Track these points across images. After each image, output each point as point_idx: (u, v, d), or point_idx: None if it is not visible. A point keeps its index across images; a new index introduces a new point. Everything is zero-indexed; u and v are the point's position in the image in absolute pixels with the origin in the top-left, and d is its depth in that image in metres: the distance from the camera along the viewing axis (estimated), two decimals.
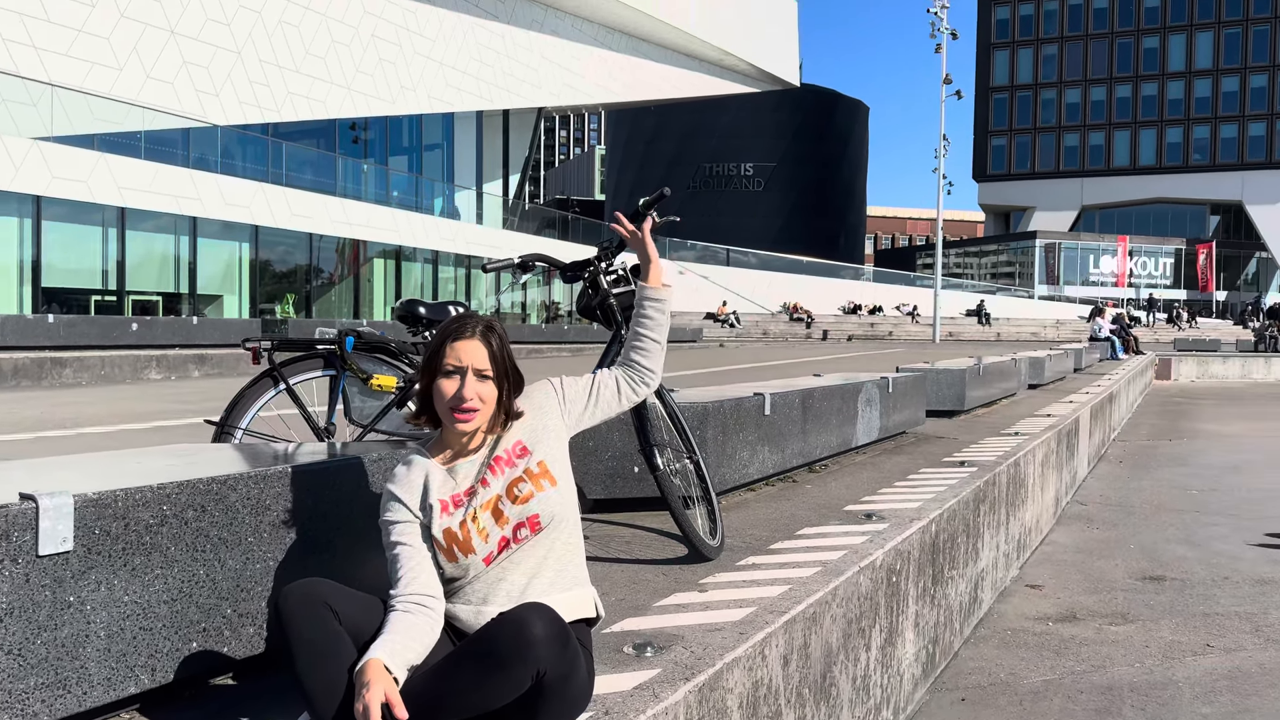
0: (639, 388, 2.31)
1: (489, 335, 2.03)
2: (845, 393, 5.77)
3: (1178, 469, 10.15)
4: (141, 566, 1.89)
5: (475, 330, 2.02)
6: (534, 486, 2.02)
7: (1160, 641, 4.59)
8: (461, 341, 2.01)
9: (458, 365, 1.99)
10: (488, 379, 2.01)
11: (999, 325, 49.63)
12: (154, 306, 23.23)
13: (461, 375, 1.99)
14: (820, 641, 2.89)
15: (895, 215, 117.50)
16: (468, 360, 1.99)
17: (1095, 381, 13.80)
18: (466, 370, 1.99)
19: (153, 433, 7.26)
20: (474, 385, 1.99)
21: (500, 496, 2.01)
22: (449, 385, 1.99)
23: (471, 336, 2.01)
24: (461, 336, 2.01)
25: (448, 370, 2.00)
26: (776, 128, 72.42)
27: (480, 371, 2.00)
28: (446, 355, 2.00)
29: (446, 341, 2.02)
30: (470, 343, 2.01)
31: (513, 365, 2.07)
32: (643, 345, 2.33)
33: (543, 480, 2.04)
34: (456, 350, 2.00)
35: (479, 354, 2.00)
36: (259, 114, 26.17)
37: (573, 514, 2.09)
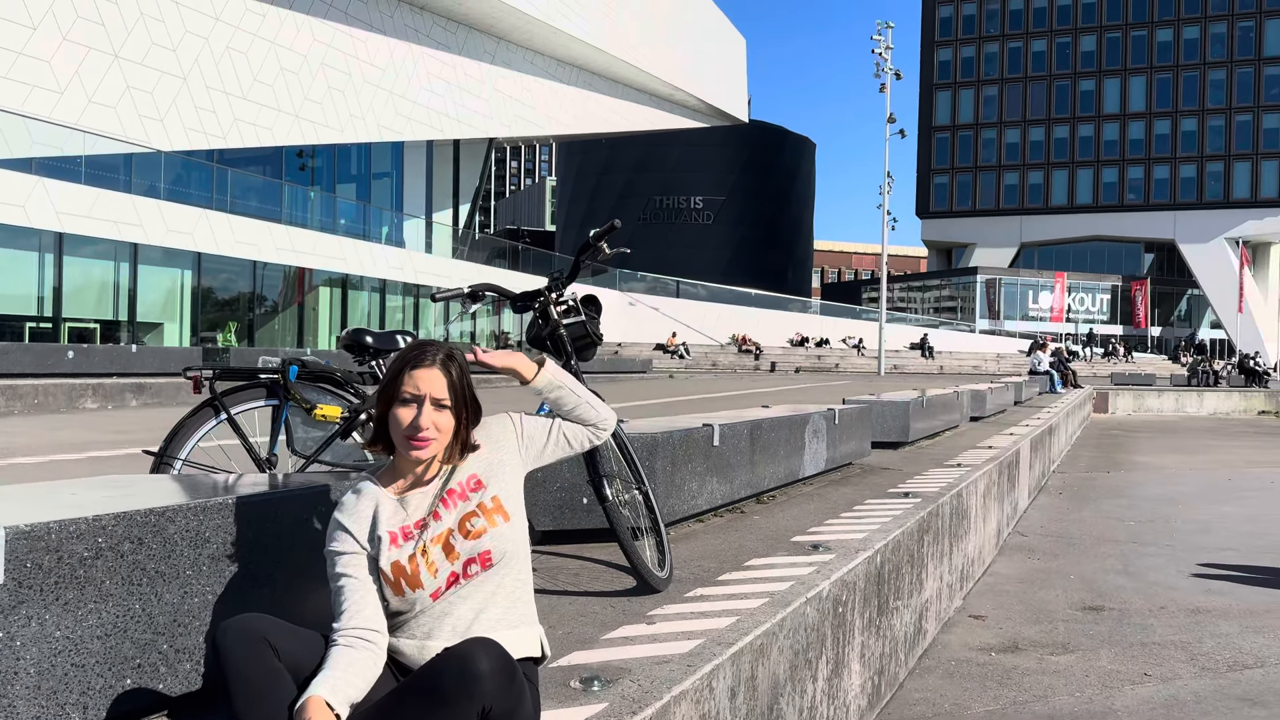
0: (596, 437, 2.32)
1: (449, 364, 2.00)
2: (793, 424, 5.82)
3: (1115, 500, 10.37)
4: (74, 601, 1.83)
5: (435, 359, 2.00)
6: (487, 521, 2.00)
7: (1100, 671, 4.67)
8: (421, 369, 1.98)
9: (415, 394, 1.97)
10: (445, 408, 1.98)
11: (942, 358, 50.48)
12: (92, 334, 22.71)
13: (419, 404, 1.96)
14: (768, 673, 2.89)
15: (841, 250, 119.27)
16: (426, 389, 1.97)
17: (1035, 414, 14.08)
18: (424, 399, 1.96)
19: (88, 463, 7.07)
20: (431, 414, 1.96)
21: (452, 531, 1.98)
22: (405, 413, 1.97)
23: (431, 365, 1.99)
24: (421, 364, 1.98)
25: (405, 398, 1.97)
26: (726, 162, 73.36)
27: (438, 401, 1.97)
28: (404, 383, 1.97)
29: (405, 369, 1.99)
30: (430, 371, 1.98)
31: (472, 395, 2.04)
32: (576, 415, 2.30)
33: (496, 515, 2.01)
34: (415, 378, 1.97)
35: (438, 383, 1.98)
36: (204, 140, 25.86)
37: (524, 550, 2.07)
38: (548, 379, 2.28)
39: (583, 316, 3.47)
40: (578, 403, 2.28)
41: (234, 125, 26.73)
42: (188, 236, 23.98)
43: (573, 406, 2.28)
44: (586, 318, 3.48)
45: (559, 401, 2.28)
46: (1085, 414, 22.35)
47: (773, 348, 47.18)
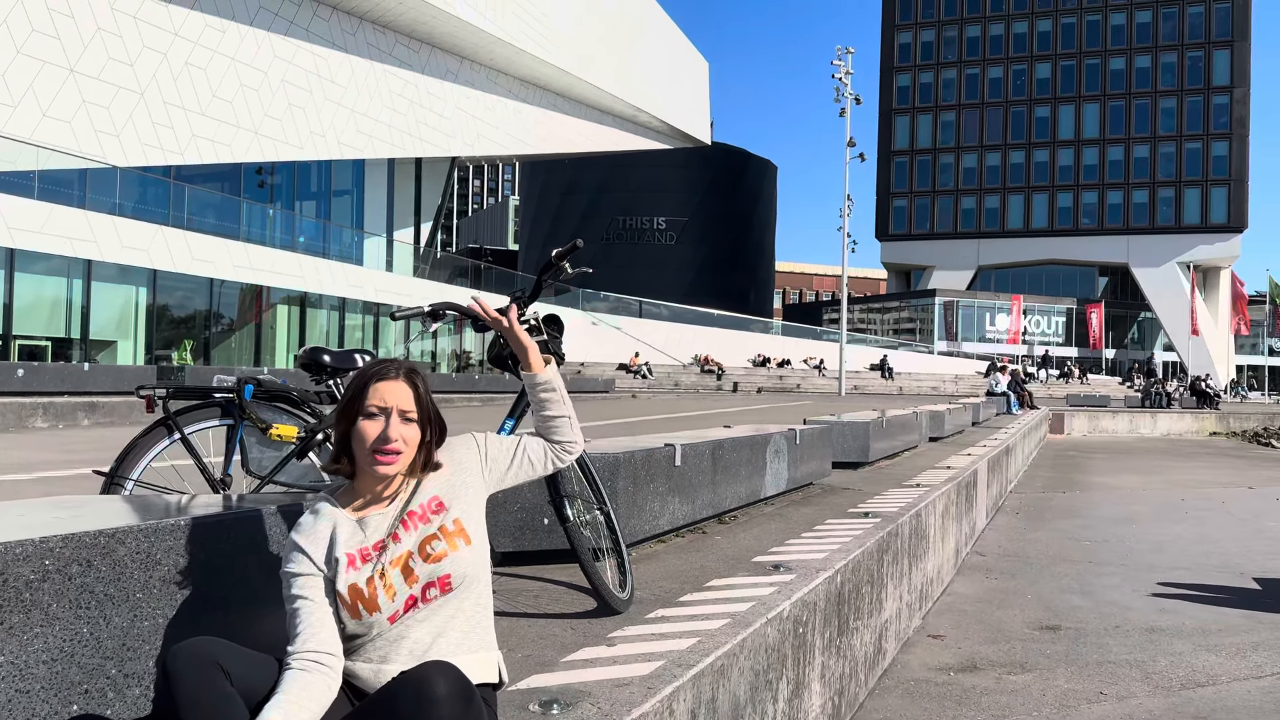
0: (563, 457, 2.31)
1: (413, 377, 2.01)
2: (754, 444, 5.84)
3: (1071, 520, 10.51)
4: (19, 625, 1.78)
5: (399, 372, 1.99)
6: (448, 545, 1.97)
7: (1056, 690, 4.71)
8: (385, 382, 1.97)
9: (382, 406, 1.95)
10: (412, 421, 1.98)
11: (901, 379, 50.99)
12: (42, 352, 22.24)
13: (386, 416, 1.95)
14: (728, 695, 2.88)
15: (803, 271, 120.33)
16: (392, 401, 1.96)
17: (992, 435, 14.25)
18: (391, 411, 1.95)
19: (36, 483, 6.91)
20: (398, 427, 1.95)
21: (412, 553, 1.96)
22: (372, 427, 1.95)
23: (396, 378, 1.98)
24: (385, 378, 1.98)
25: (371, 412, 1.95)
26: (688, 184, 73.82)
27: (405, 413, 1.96)
28: (370, 396, 1.96)
29: (370, 383, 1.97)
30: (395, 384, 1.97)
31: (435, 411, 2.04)
32: (553, 425, 2.31)
33: (457, 539, 1.99)
34: (380, 391, 1.96)
35: (404, 395, 1.97)
36: (161, 156, 25.54)
37: (485, 574, 2.05)
38: (551, 374, 2.31)
39: (544, 336, 3.46)
40: (561, 413, 2.30)
41: (192, 141, 26.43)
42: (143, 253, 23.62)
43: (555, 414, 2.29)
44: (549, 337, 3.47)
45: (546, 403, 2.29)
46: (1042, 435, 22.66)
47: (735, 368, 47.37)
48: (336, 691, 1.86)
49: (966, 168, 80.00)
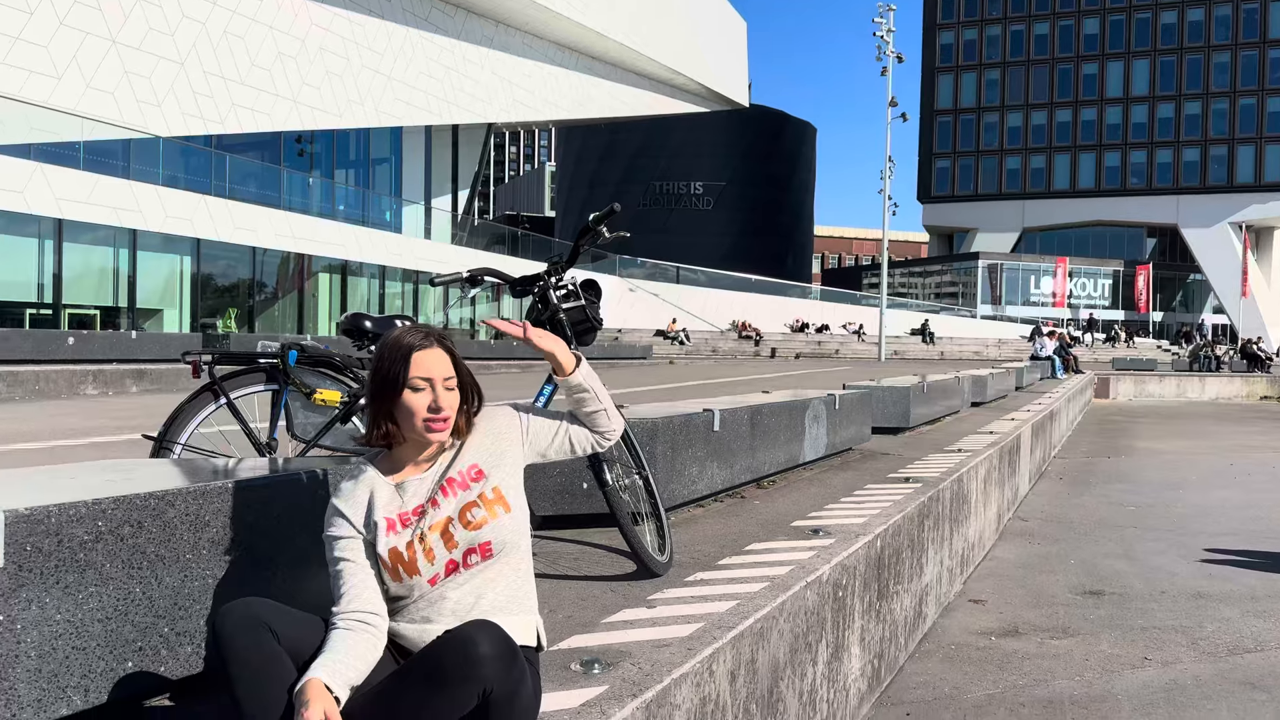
0: (603, 444, 2.31)
1: (444, 342, 2.02)
2: (793, 410, 5.82)
3: (1116, 485, 10.38)
4: (75, 584, 1.83)
5: (432, 340, 2.01)
6: (488, 513, 1.99)
7: (1100, 655, 4.68)
8: (424, 353, 1.98)
9: (426, 377, 1.97)
10: (453, 388, 2.00)
11: (942, 344, 50.45)
12: (91, 320, 22.68)
13: (431, 386, 1.97)
14: (767, 657, 2.89)
15: (842, 235, 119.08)
16: (435, 371, 1.98)
17: (1036, 400, 14.07)
18: (435, 381, 1.97)
19: (89, 448, 7.07)
20: (445, 395, 1.98)
21: (452, 520, 1.98)
22: (419, 400, 1.96)
23: (432, 346, 2.00)
24: (422, 348, 1.99)
25: (416, 385, 1.97)
26: (726, 147, 73.14)
27: (447, 380, 1.99)
28: (413, 369, 1.97)
29: (410, 355, 1.98)
30: (433, 352, 1.99)
31: (470, 374, 2.07)
32: (592, 419, 2.29)
33: (497, 506, 2.01)
34: (423, 362, 1.97)
35: (443, 363, 1.99)
36: (202, 125, 25.76)
37: (524, 541, 2.07)
38: (582, 376, 2.26)
39: (582, 301, 3.46)
40: (598, 407, 2.27)
41: (232, 110, 26.63)
42: (186, 222, 23.92)
43: (592, 410, 2.27)
44: (586, 302, 3.47)
45: (582, 401, 2.27)
46: (1087, 399, 22.35)
47: (773, 334, 47.15)
48: (382, 650, 1.89)
49: (1011, 127, 78.43)
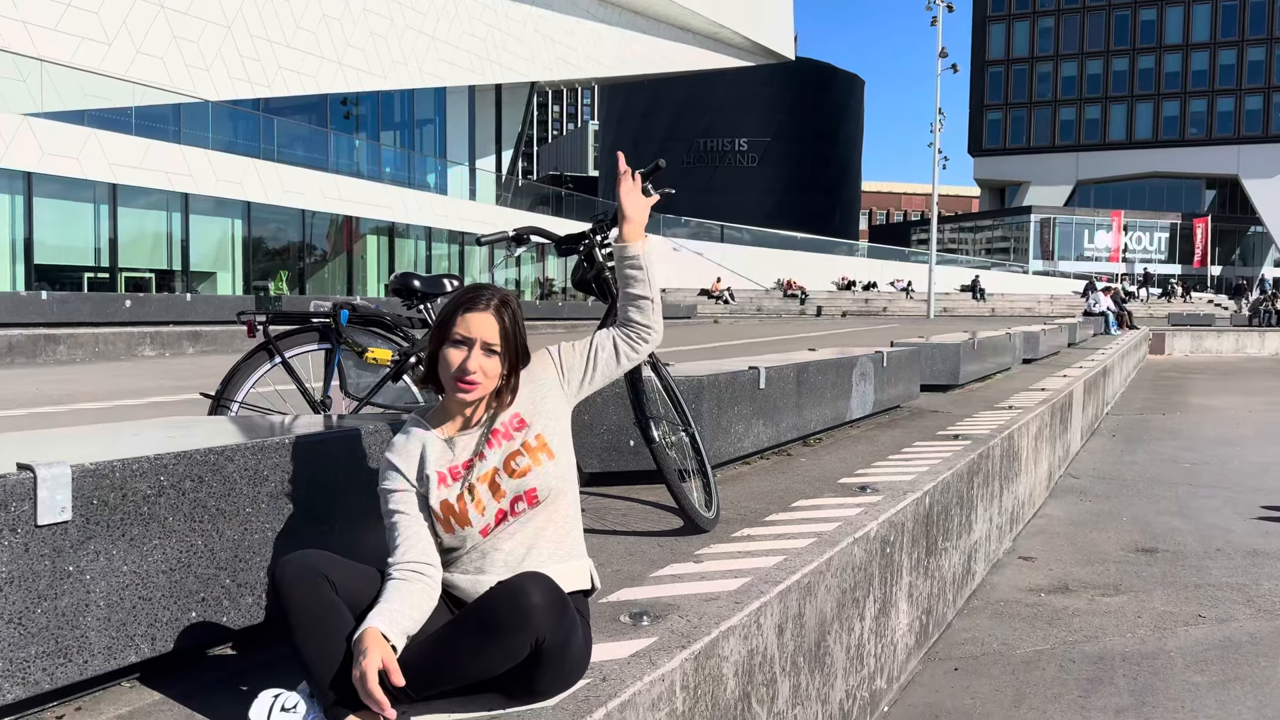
0: (638, 345, 2.24)
1: (502, 311, 2.01)
2: (840, 367, 5.78)
3: (1171, 442, 10.20)
4: (140, 537, 1.89)
5: (489, 304, 2.01)
6: (531, 460, 2.02)
7: (1152, 612, 4.63)
8: (474, 313, 1.99)
9: (466, 336, 1.98)
10: (495, 354, 2.00)
11: (993, 300, 49.68)
12: (147, 283, 23.15)
13: (469, 347, 1.98)
14: (815, 611, 2.91)
15: (890, 190, 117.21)
16: (477, 333, 1.98)
17: (1089, 356, 13.84)
18: (474, 342, 1.98)
19: (148, 408, 7.26)
20: (479, 359, 1.98)
21: (497, 470, 2.01)
22: (455, 355, 1.99)
23: (485, 310, 2.00)
24: (474, 308, 2.00)
25: (456, 339, 1.99)
26: (771, 102, 72.06)
27: (488, 345, 1.99)
28: (456, 324, 1.99)
29: (459, 311, 2.00)
30: (482, 315, 1.99)
31: (522, 344, 2.05)
32: (637, 304, 2.25)
33: (540, 454, 2.03)
34: (468, 321, 1.99)
35: (489, 328, 1.99)
36: (250, 89, 25.97)
37: (571, 488, 2.09)
38: (643, 250, 2.28)
39: None
40: (646, 293, 2.25)
41: (279, 73, 26.80)
42: (237, 186, 24.23)
43: (639, 294, 2.24)
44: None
45: (632, 280, 2.25)
46: (1141, 355, 21.93)
47: (819, 292, 46.74)
48: (436, 599, 1.93)
49: (1066, 77, 76.29)
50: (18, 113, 19.35)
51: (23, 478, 1.71)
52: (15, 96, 19.70)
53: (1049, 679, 3.83)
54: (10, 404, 7.57)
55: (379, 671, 1.67)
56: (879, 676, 3.56)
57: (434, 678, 1.77)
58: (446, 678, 1.78)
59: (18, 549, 1.70)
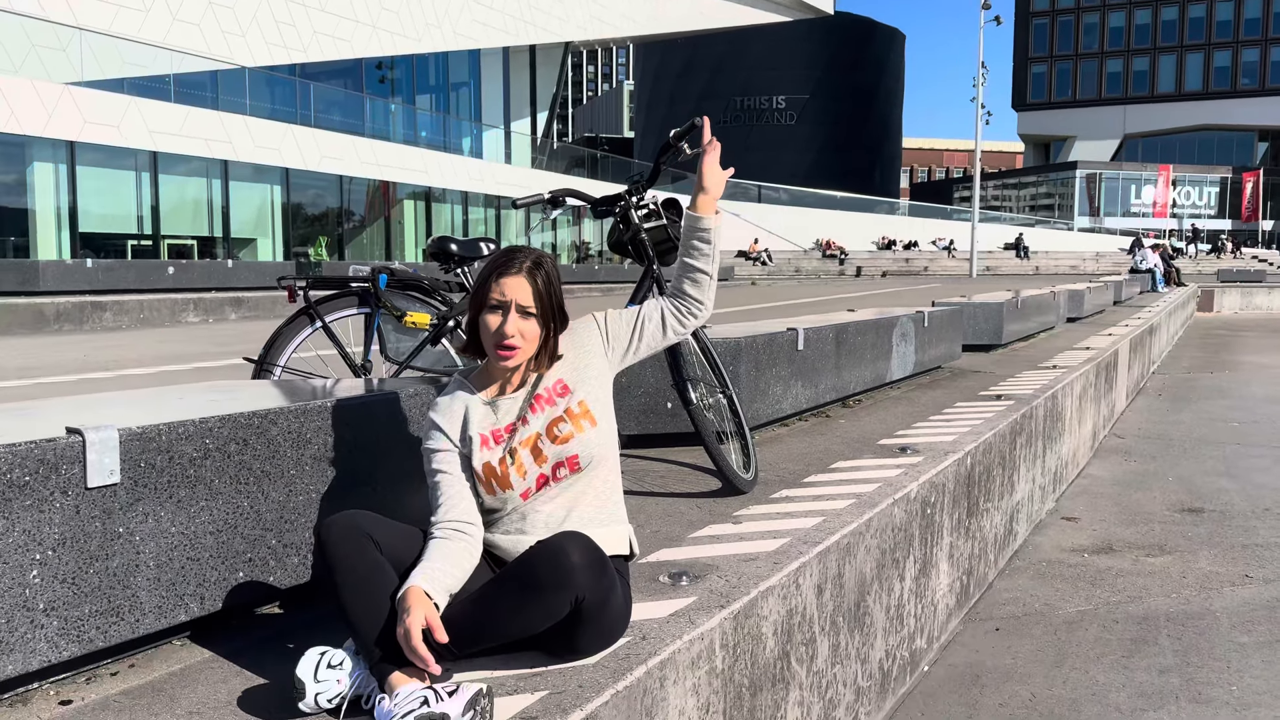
0: (687, 320, 2.24)
1: (535, 272, 2.01)
2: (879, 328, 5.72)
3: (1218, 401, 10.02)
4: (187, 499, 1.93)
5: (522, 267, 2.01)
6: (574, 426, 2.03)
7: (1198, 572, 4.58)
8: (508, 277, 2.00)
9: (501, 300, 1.99)
10: (531, 316, 2.00)
11: (1037, 258, 48.85)
12: (189, 250, 23.45)
13: (505, 311, 1.98)
14: (854, 571, 2.90)
15: (931, 147, 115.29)
16: (512, 295, 1.99)
17: (1135, 314, 13.59)
18: (510, 305, 1.98)
19: (193, 373, 7.38)
20: (516, 322, 1.98)
21: (540, 435, 2.02)
22: (493, 320, 1.99)
23: (518, 273, 2.00)
24: (508, 272, 2.00)
25: (492, 305, 2.00)
26: (809, 58, 70.95)
27: (524, 308, 1.99)
28: (492, 290, 2.00)
29: (493, 276, 2.01)
30: (516, 279, 2.00)
31: (558, 304, 2.04)
32: (693, 276, 2.24)
33: (583, 420, 2.04)
34: (502, 285, 1.99)
35: (524, 290, 1.99)
36: (285, 54, 26.03)
37: (612, 454, 2.10)
38: (716, 224, 2.27)
39: (664, 220, 3.43)
40: (707, 268, 2.24)
41: (314, 38, 26.83)
42: (275, 152, 24.39)
43: (700, 267, 2.23)
44: (668, 221, 3.44)
45: (697, 251, 2.24)
46: (1189, 313, 21.50)
47: (858, 252, 46.26)
48: (478, 558, 1.96)
49: (1113, 27, 74.19)
50: (59, 81, 19.58)
51: (72, 441, 1.74)
52: (56, 65, 19.92)
53: (1092, 639, 3.81)
54: (59, 370, 7.73)
55: (422, 629, 1.69)
56: (919, 636, 3.56)
57: (476, 635, 1.80)
58: (488, 635, 1.81)
59: (69, 511, 1.74)
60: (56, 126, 19.42)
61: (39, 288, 14.77)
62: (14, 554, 1.66)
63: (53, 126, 19.35)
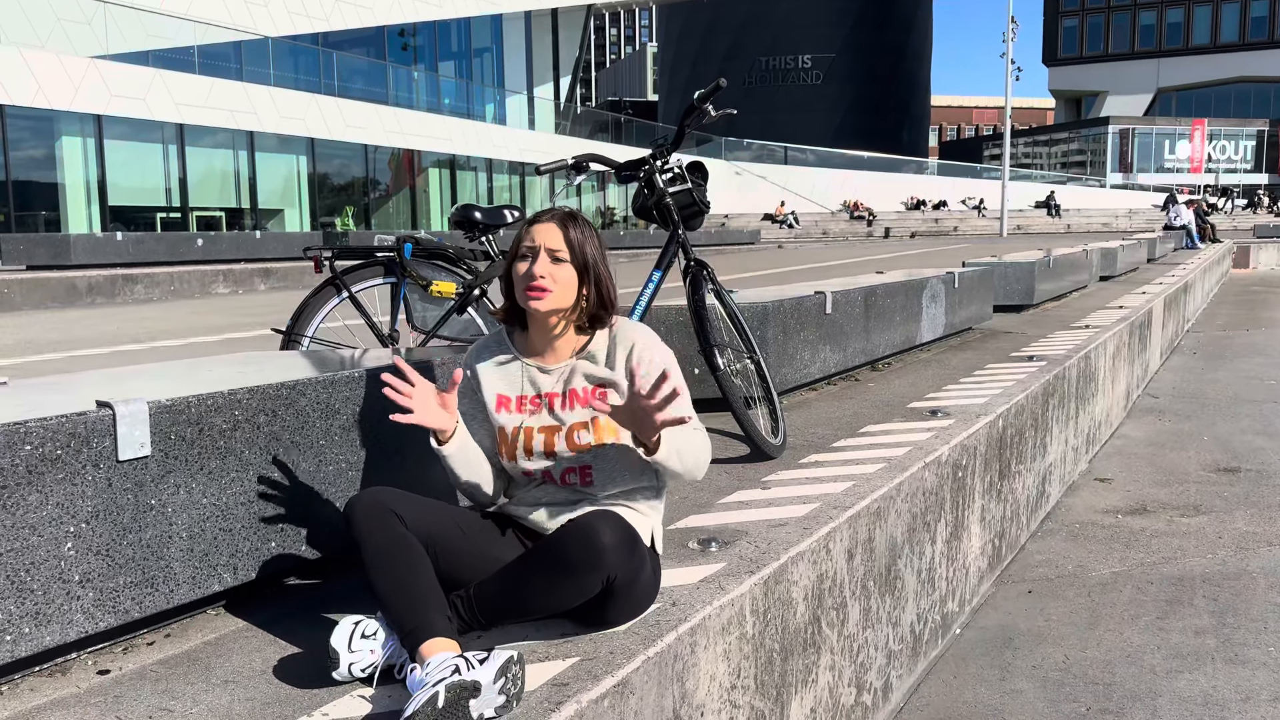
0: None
1: (567, 221, 2.00)
2: (909, 289, 5.66)
3: (1255, 359, 9.85)
4: (218, 470, 1.94)
5: (554, 216, 2.02)
6: (594, 438, 1.98)
7: (1234, 533, 4.52)
8: (539, 225, 2.00)
9: (532, 246, 1.98)
10: (562, 261, 1.97)
11: (1069, 217, 48.14)
12: (218, 222, 23.61)
13: (534, 255, 1.98)
14: (885, 536, 2.89)
15: (961, 105, 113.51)
16: (541, 240, 1.98)
17: (1169, 272, 13.37)
18: (539, 249, 1.97)
19: (223, 344, 7.44)
20: (546, 264, 1.96)
21: (560, 429, 1.99)
22: (522, 265, 1.99)
23: (549, 221, 2.00)
24: (540, 221, 2.01)
25: (523, 253, 1.99)
26: (836, 16, 69.85)
27: (554, 252, 1.97)
28: (524, 239, 2.01)
29: (525, 226, 2.03)
30: (547, 225, 1.99)
31: (595, 260, 2.00)
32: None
33: (607, 435, 1.98)
34: (533, 232, 2.00)
35: (554, 236, 1.98)
36: (308, 23, 25.99)
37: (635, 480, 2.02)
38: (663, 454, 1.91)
39: (689, 184, 3.39)
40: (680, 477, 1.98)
41: (336, 6, 26.75)
42: (300, 122, 24.43)
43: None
44: (693, 184, 3.40)
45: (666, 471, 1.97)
46: (1224, 270, 21.12)
47: (887, 213, 45.78)
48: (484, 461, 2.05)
49: None
50: (85, 55, 19.67)
51: (102, 415, 1.75)
52: (82, 39, 20.01)
53: (1125, 601, 3.77)
54: (93, 343, 7.83)
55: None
56: (950, 599, 3.54)
57: (507, 610, 1.81)
58: (520, 610, 1.82)
59: (101, 484, 1.75)
60: (83, 100, 19.54)
61: (70, 261, 14.94)
62: (48, 527, 1.68)
63: (80, 100, 19.47)
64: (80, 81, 19.35)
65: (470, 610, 1.81)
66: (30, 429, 1.65)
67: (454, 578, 1.84)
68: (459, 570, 1.86)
